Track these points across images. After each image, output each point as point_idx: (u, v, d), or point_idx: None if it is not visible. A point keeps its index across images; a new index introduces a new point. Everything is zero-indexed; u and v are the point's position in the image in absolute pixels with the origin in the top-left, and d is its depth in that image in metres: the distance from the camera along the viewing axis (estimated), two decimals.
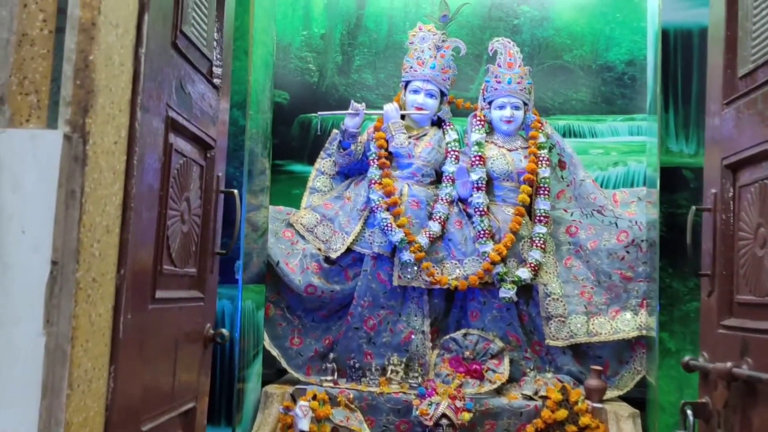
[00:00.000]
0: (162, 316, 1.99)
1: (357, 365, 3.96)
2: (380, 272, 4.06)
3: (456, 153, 4.19)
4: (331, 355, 3.97)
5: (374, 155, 4.14)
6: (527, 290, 4.06)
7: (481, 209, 4.05)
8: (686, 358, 2.26)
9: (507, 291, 3.94)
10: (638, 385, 3.96)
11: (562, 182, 4.27)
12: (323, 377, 3.90)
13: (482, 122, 4.23)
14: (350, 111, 4.15)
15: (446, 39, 4.26)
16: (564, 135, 4.57)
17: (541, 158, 4.15)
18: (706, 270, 2.29)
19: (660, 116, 3.58)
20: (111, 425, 1.67)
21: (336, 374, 3.91)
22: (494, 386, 3.85)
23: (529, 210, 4.16)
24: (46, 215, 1.48)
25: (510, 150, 4.21)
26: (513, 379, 3.97)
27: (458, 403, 3.64)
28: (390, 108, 4.18)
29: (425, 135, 4.23)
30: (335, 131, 4.31)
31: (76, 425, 1.53)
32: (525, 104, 4.21)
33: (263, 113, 3.94)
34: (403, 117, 4.22)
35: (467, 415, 3.63)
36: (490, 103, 4.23)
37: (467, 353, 3.94)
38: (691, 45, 3.55)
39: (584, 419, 3.60)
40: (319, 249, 4.11)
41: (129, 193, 1.74)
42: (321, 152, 4.40)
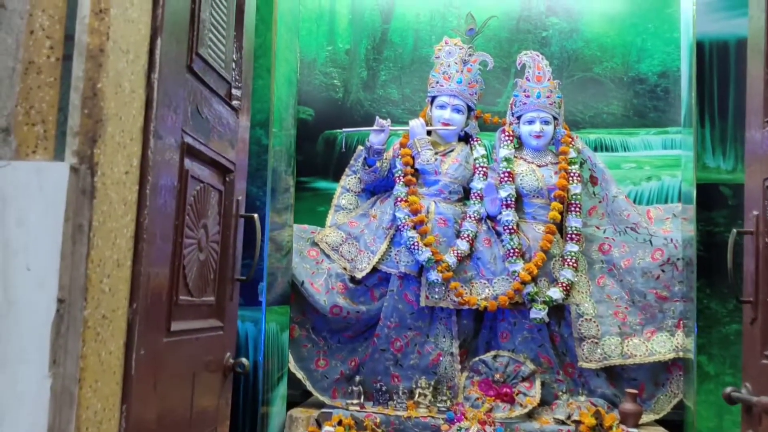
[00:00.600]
0: (178, 349, 1.92)
1: (384, 388, 3.86)
2: (407, 292, 3.96)
3: (484, 169, 4.09)
4: (357, 378, 3.88)
5: (400, 172, 4.05)
6: (559, 310, 3.94)
7: (511, 227, 3.94)
8: (728, 390, 2.15)
9: (538, 312, 3.83)
10: (675, 407, 3.82)
11: (594, 198, 4.15)
12: (349, 400, 3.81)
13: (511, 137, 4.13)
14: (375, 127, 4.07)
15: (473, 53, 4.18)
16: (595, 149, 4.45)
17: (572, 174, 4.04)
18: (749, 296, 2.18)
19: (696, 131, 3.45)
20: None
21: (362, 397, 3.82)
22: (525, 410, 3.73)
23: (560, 227, 4.04)
24: (53, 251, 1.42)
25: (540, 166, 4.10)
26: (545, 403, 3.84)
27: (488, 428, 3.53)
28: (416, 124, 4.10)
29: (452, 151, 4.14)
30: (360, 148, 4.24)
31: None
32: (555, 118, 4.11)
33: (287, 131, 3.88)
34: (430, 133, 4.13)
35: None
36: (519, 118, 4.13)
37: (497, 376, 3.83)
38: (728, 57, 3.43)
39: None
40: (345, 268, 4.03)
41: (141, 225, 1.67)
42: (346, 169, 4.32)
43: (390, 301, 3.96)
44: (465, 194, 4.14)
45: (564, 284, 3.87)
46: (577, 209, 4.00)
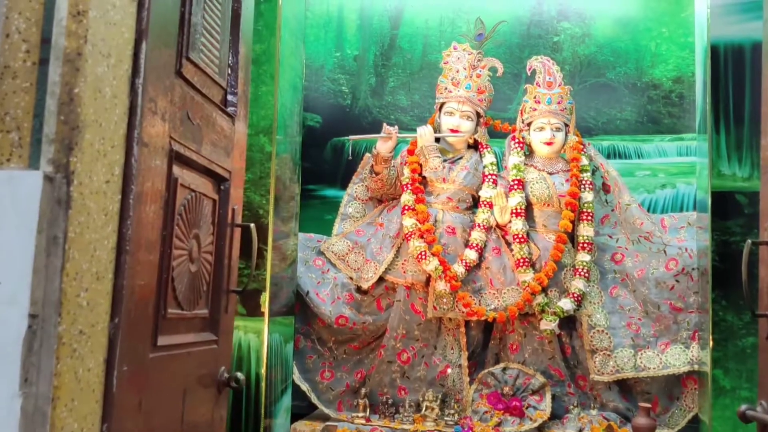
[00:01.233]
0: (166, 364, 1.85)
1: (390, 401, 3.79)
2: (414, 303, 3.88)
3: (493, 177, 4.00)
4: (363, 390, 3.80)
5: (407, 180, 3.97)
6: (570, 322, 3.85)
7: (521, 236, 3.85)
8: (743, 408, 2.05)
9: (549, 323, 3.73)
10: (690, 422, 3.71)
11: (607, 207, 4.05)
12: (355, 413, 3.73)
13: (521, 144, 4.04)
14: (382, 134, 4.00)
15: (482, 58, 4.09)
16: (608, 156, 4.35)
17: (584, 182, 3.94)
18: (765, 309, 2.08)
19: (710, 137, 3.35)
20: None
21: (368, 410, 3.74)
22: (535, 424, 3.64)
23: (572, 236, 3.94)
24: (24, 264, 1.36)
25: (551, 173, 4.00)
26: (555, 417, 3.74)
27: None
28: (424, 131, 4.01)
29: (461, 158, 4.06)
30: (368, 155, 4.17)
31: None
32: (566, 125, 4.02)
33: (291, 138, 3.81)
34: (438, 140, 4.06)
35: None
36: (529, 125, 4.04)
37: (506, 389, 3.74)
38: (743, 61, 3.33)
39: None
40: (351, 278, 3.96)
41: (124, 236, 1.60)
42: (353, 177, 4.25)
43: (397, 312, 3.88)
44: (474, 202, 4.05)
45: (575, 295, 3.77)
46: (589, 218, 3.90)
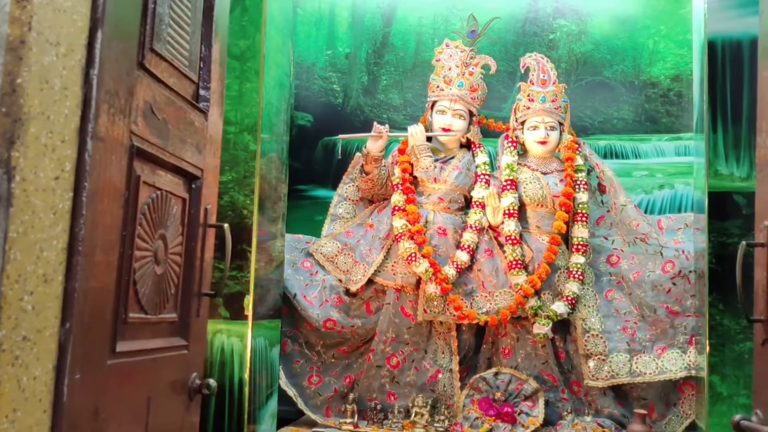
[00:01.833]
0: (128, 371, 1.76)
1: (379, 407, 3.70)
2: (404, 306, 3.79)
3: (486, 177, 3.91)
4: (352, 396, 3.70)
5: (398, 180, 3.89)
6: (564, 325, 3.76)
7: (513, 237, 3.76)
8: (737, 418, 1.95)
9: (542, 327, 3.64)
10: (687, 429, 3.62)
11: (602, 207, 3.97)
12: (343, 419, 3.64)
13: (514, 144, 3.95)
14: (373, 133, 3.91)
15: (475, 56, 4.00)
16: (605, 156, 4.27)
17: (579, 182, 3.85)
18: (760, 314, 1.99)
19: (707, 135, 3.26)
20: None
21: (356, 416, 3.65)
22: (527, 431, 3.55)
23: (566, 238, 3.85)
24: None
25: (544, 173, 3.91)
26: (548, 423, 3.64)
27: None
28: (415, 130, 3.92)
29: (453, 158, 3.97)
30: (358, 155, 4.08)
31: None
32: (560, 124, 3.93)
33: (278, 137, 3.72)
34: (429, 139, 3.97)
35: None
36: (523, 123, 3.95)
37: (498, 394, 3.64)
38: (741, 57, 3.23)
39: None
40: (340, 280, 3.87)
41: (76, 236, 1.51)
42: (343, 177, 4.16)
43: (386, 315, 3.79)
44: (466, 203, 3.96)
45: (569, 298, 3.69)
46: (584, 219, 3.81)
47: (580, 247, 3.78)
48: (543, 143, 3.89)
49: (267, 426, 3.56)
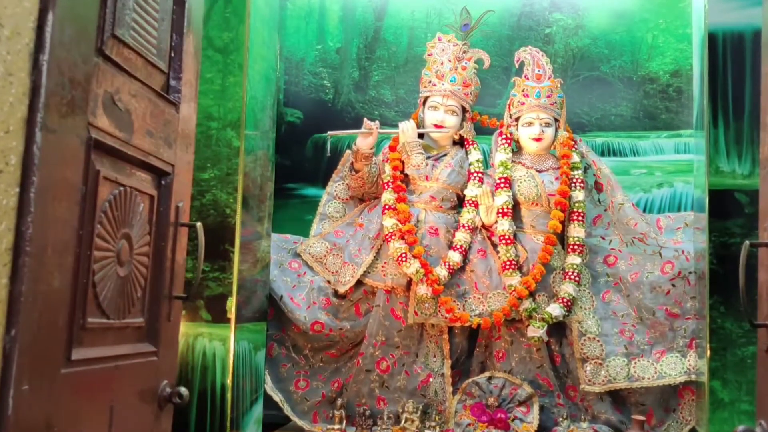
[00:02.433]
0: (86, 381, 1.64)
1: (368, 412, 3.58)
2: (394, 308, 3.68)
3: (479, 175, 3.80)
4: (340, 401, 3.58)
5: (388, 178, 3.77)
6: (560, 328, 3.65)
7: (507, 237, 3.64)
8: (740, 429, 1.85)
9: (536, 330, 3.54)
10: None
11: (599, 206, 3.86)
12: (330, 425, 3.52)
13: (508, 140, 3.84)
14: (363, 130, 3.79)
15: (468, 50, 3.89)
16: (602, 154, 4.15)
17: (575, 180, 3.75)
18: (764, 318, 1.88)
19: (708, 131, 3.14)
20: None
21: (345, 422, 3.53)
22: None
23: (561, 238, 3.75)
24: None
25: (539, 171, 3.81)
26: (543, 429, 3.54)
27: None
28: (406, 126, 3.81)
29: (445, 155, 3.86)
30: (348, 152, 3.97)
31: None
32: (556, 120, 3.82)
33: (264, 133, 3.60)
34: (421, 136, 3.86)
35: None
36: (517, 120, 3.84)
37: (491, 400, 3.54)
38: (743, 50, 3.12)
39: None
40: (329, 282, 3.75)
41: (23, 235, 1.39)
42: (333, 175, 4.04)
43: (376, 318, 3.69)
44: (459, 202, 3.85)
45: (565, 300, 3.59)
46: (580, 218, 3.71)
47: (577, 248, 3.68)
48: (538, 140, 3.79)
49: None
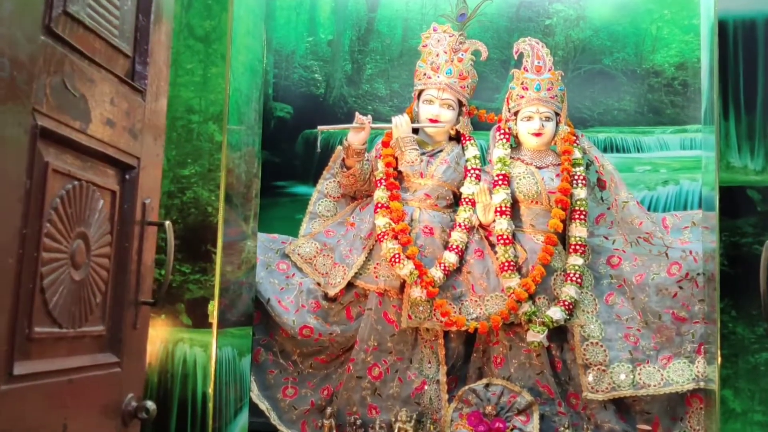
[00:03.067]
0: (33, 397, 1.46)
1: (359, 421, 3.47)
2: (387, 311, 3.55)
3: (476, 171, 3.67)
4: (330, 409, 3.44)
5: (381, 175, 3.63)
6: (561, 333, 3.53)
7: (506, 237, 3.52)
8: None
9: (536, 334, 3.42)
10: None
11: (602, 205, 3.74)
12: None
13: (507, 136, 3.70)
14: (354, 124, 3.65)
15: (464, 41, 3.75)
16: (605, 150, 4.03)
17: (576, 177, 3.63)
18: None
19: (718, 125, 2.97)
20: None
21: (334, 431, 3.37)
22: None
23: (563, 238, 3.63)
24: None
25: (539, 167, 3.68)
26: None
27: None
28: (400, 121, 3.68)
29: (441, 151, 3.73)
30: (339, 148, 3.82)
31: None
32: (557, 114, 3.68)
33: (249, 128, 3.43)
34: (416, 131, 3.73)
35: None
36: (516, 114, 3.71)
37: (489, 408, 3.41)
38: (755, 38, 2.96)
39: None
40: (318, 284, 3.61)
41: None
42: (324, 172, 3.91)
43: (367, 322, 3.56)
44: (455, 200, 3.71)
45: (566, 303, 3.47)
46: (582, 217, 3.59)
47: (578, 248, 3.57)
48: (538, 135, 3.67)
49: None
